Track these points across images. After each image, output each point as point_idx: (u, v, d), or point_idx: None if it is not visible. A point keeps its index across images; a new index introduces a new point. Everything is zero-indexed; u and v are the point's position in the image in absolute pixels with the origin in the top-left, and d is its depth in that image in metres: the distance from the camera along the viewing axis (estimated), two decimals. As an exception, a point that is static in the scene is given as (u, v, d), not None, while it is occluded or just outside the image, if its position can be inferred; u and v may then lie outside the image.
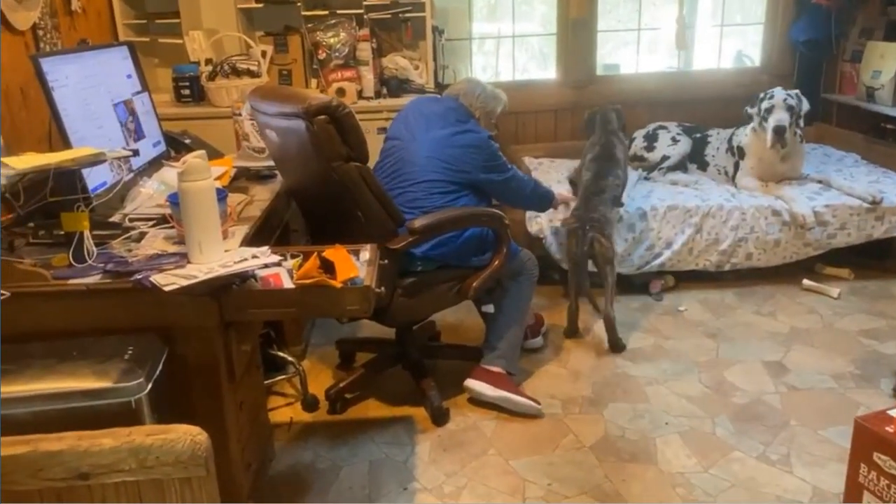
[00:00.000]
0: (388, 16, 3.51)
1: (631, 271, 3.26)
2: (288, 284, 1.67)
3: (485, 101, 2.54)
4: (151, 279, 1.55)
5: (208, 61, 3.32)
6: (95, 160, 1.67)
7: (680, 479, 2.11)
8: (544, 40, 4.41)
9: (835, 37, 4.04)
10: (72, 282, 1.58)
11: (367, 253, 1.85)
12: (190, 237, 1.63)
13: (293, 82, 3.54)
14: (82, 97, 1.98)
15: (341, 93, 3.32)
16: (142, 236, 1.82)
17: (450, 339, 2.94)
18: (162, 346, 1.58)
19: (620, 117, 3.28)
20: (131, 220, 1.91)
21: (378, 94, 3.47)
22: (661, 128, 3.84)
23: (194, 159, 1.62)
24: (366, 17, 3.47)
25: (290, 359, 2.63)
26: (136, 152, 2.02)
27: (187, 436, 1.22)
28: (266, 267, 1.67)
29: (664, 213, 3.25)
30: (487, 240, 2.39)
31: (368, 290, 1.65)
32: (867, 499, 1.71)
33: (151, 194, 2.08)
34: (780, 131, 3.32)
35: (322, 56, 3.43)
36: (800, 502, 2.01)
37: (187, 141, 2.60)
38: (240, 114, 2.58)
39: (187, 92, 3.34)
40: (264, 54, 3.44)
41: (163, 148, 2.46)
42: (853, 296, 3.25)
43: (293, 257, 1.79)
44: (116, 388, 1.42)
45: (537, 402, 2.43)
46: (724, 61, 4.44)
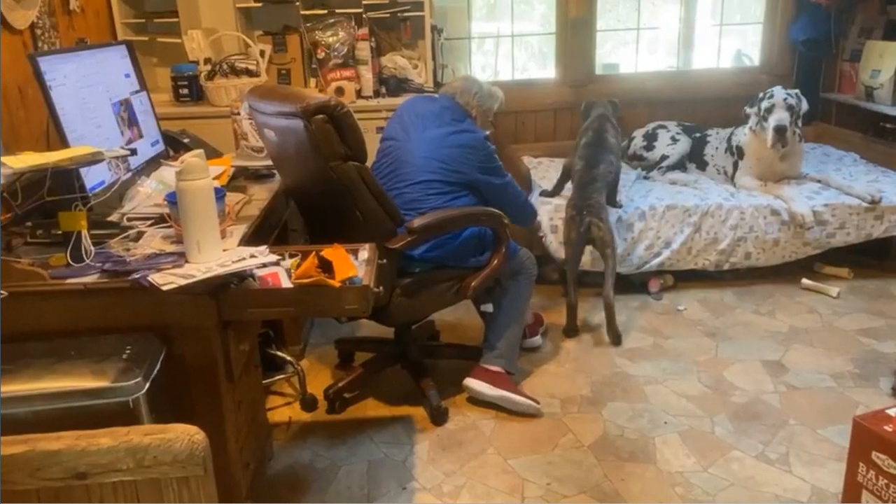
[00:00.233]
0: (387, 15, 3.51)
1: (630, 271, 3.26)
2: (286, 284, 1.67)
3: (481, 100, 2.53)
4: (149, 278, 1.55)
5: (207, 61, 3.31)
6: (93, 159, 1.66)
7: (679, 478, 2.11)
8: (543, 40, 4.41)
9: (834, 36, 4.05)
10: (69, 281, 1.58)
11: (365, 252, 1.85)
12: (188, 236, 1.63)
13: (292, 81, 3.54)
14: (80, 96, 1.98)
15: (340, 92, 3.32)
16: (140, 235, 1.81)
17: (449, 339, 2.94)
18: (160, 346, 1.58)
19: (616, 108, 3.34)
20: (129, 220, 1.91)
21: (377, 94, 3.46)
22: (661, 127, 3.84)
23: (192, 158, 1.62)
24: (365, 16, 3.47)
25: (289, 358, 2.63)
26: (133, 151, 2.02)
27: (185, 435, 1.22)
28: (264, 266, 1.67)
29: (663, 213, 3.25)
30: (486, 240, 2.39)
31: (367, 289, 1.65)
32: (866, 498, 1.71)
33: (150, 193, 2.08)
34: (781, 130, 3.32)
35: (321, 55, 3.43)
36: (799, 501, 2.01)
37: (186, 140, 2.60)
38: (238, 113, 2.57)
39: (186, 91, 3.34)
40: (263, 53, 3.43)
41: (161, 147, 2.46)
42: (852, 295, 3.25)
43: (291, 257, 1.79)
44: (114, 388, 1.42)
45: (536, 401, 2.43)
46: (723, 61, 4.43)
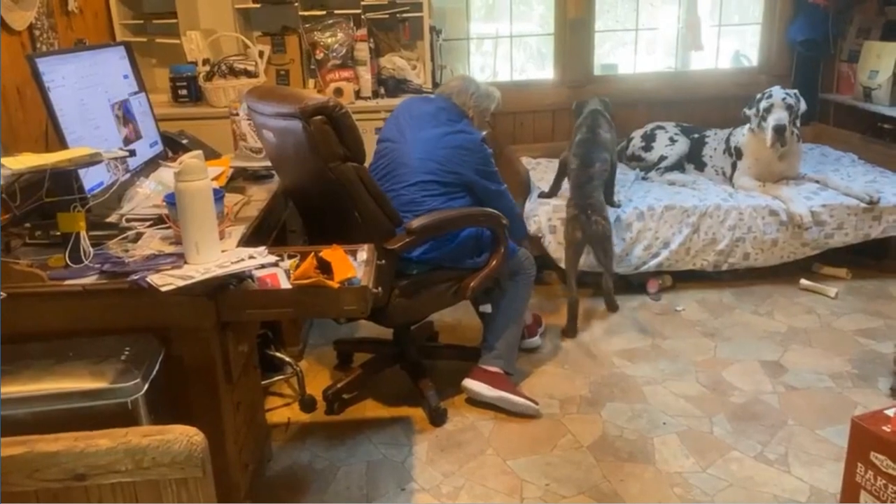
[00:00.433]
0: (386, 16, 3.51)
1: (628, 271, 3.27)
2: (285, 285, 1.67)
3: (478, 100, 2.52)
4: (148, 279, 1.55)
5: (205, 61, 3.31)
6: (92, 160, 1.66)
7: (678, 478, 2.11)
8: (542, 40, 4.41)
9: (832, 37, 4.05)
10: (68, 282, 1.58)
11: (364, 253, 1.85)
12: (187, 237, 1.63)
13: (291, 82, 3.54)
14: (79, 97, 1.98)
15: (339, 93, 3.32)
16: (138, 237, 1.81)
17: (448, 340, 2.94)
18: (159, 347, 1.58)
19: (607, 106, 3.37)
20: (128, 221, 1.91)
21: (375, 94, 3.47)
22: (659, 128, 3.84)
23: (191, 159, 1.62)
24: (363, 17, 3.47)
25: (288, 359, 2.63)
26: (132, 152, 2.02)
27: (184, 436, 1.22)
28: (263, 267, 1.67)
29: (661, 213, 3.25)
30: (483, 241, 2.39)
31: (366, 290, 1.65)
32: (864, 498, 1.71)
33: (148, 194, 2.08)
34: (780, 130, 3.32)
35: (319, 56, 3.43)
36: (797, 502, 2.01)
37: (184, 141, 2.60)
38: (237, 114, 2.57)
39: (184, 92, 3.34)
40: (262, 54, 3.43)
41: (160, 148, 2.46)
42: (850, 295, 3.26)
43: (290, 257, 1.79)
44: (113, 389, 1.42)
45: (535, 402, 2.43)
46: (721, 61, 4.44)
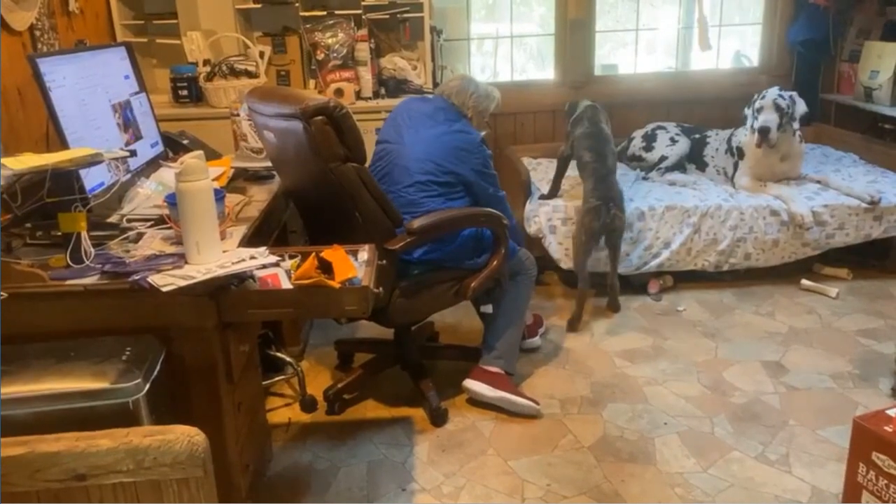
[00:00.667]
0: (387, 16, 3.51)
1: (629, 271, 3.27)
2: (286, 285, 1.67)
3: (477, 101, 2.51)
4: (149, 280, 1.55)
5: (206, 62, 3.31)
6: (93, 161, 1.66)
7: (679, 479, 2.11)
8: (542, 41, 4.41)
9: (832, 37, 4.05)
10: (69, 282, 1.58)
11: (365, 253, 1.85)
12: (188, 238, 1.63)
13: (291, 83, 3.54)
14: (80, 98, 1.98)
15: (339, 93, 3.32)
16: (139, 237, 1.81)
17: (448, 340, 2.94)
18: (160, 347, 1.58)
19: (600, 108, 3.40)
20: (129, 221, 1.91)
21: (376, 95, 3.46)
22: (660, 128, 3.84)
23: (192, 160, 1.62)
24: (364, 17, 3.47)
25: (289, 359, 2.63)
26: (133, 153, 2.02)
27: (185, 436, 1.22)
28: (264, 267, 1.67)
29: (662, 214, 3.25)
30: (484, 241, 2.38)
31: (367, 290, 1.65)
32: (866, 498, 1.71)
33: (149, 195, 2.08)
34: (764, 131, 3.32)
35: (320, 56, 3.43)
36: (798, 502, 2.00)
37: (185, 141, 2.60)
38: (238, 114, 2.57)
39: (185, 92, 3.34)
40: (262, 55, 3.43)
41: (160, 148, 2.46)
42: (851, 296, 3.26)
43: (291, 258, 1.79)
44: (114, 389, 1.42)
45: (536, 402, 2.43)
46: (722, 62, 4.44)
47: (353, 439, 2.34)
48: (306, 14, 3.45)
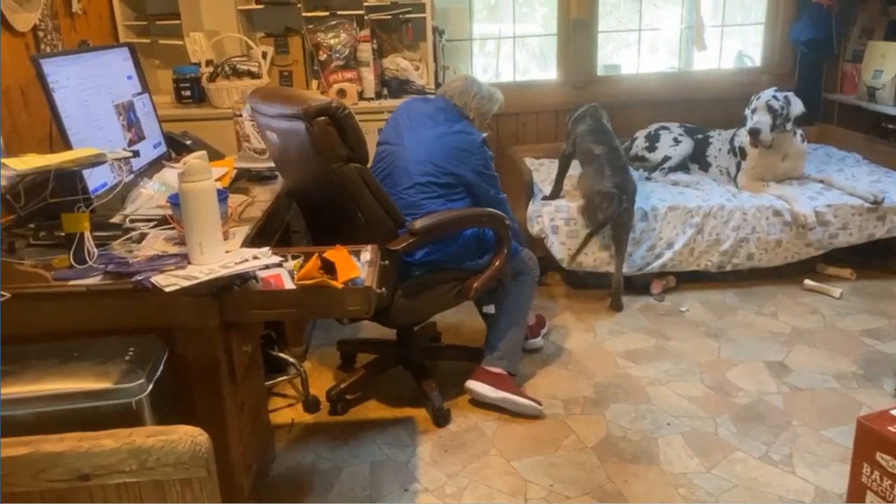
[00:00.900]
0: (389, 17, 3.51)
1: (632, 272, 3.26)
2: (289, 285, 1.67)
3: (480, 102, 2.49)
4: (152, 280, 1.55)
5: (209, 62, 3.31)
6: (96, 161, 1.66)
7: (682, 479, 2.10)
8: (545, 41, 4.41)
9: (836, 36, 4.04)
10: (72, 283, 1.58)
11: (367, 254, 1.85)
12: (190, 238, 1.63)
13: (294, 83, 3.54)
14: (83, 98, 1.98)
15: (342, 94, 3.32)
16: (142, 237, 1.82)
17: (451, 340, 2.93)
18: (163, 347, 1.58)
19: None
20: (132, 221, 1.91)
21: (379, 95, 3.46)
22: (663, 128, 3.83)
23: (195, 160, 1.62)
24: (366, 17, 3.47)
25: (291, 360, 2.63)
26: (136, 153, 2.02)
27: (188, 437, 1.22)
28: (267, 268, 1.67)
29: (665, 214, 3.24)
30: (486, 242, 2.38)
31: (369, 290, 1.65)
32: (870, 499, 1.70)
33: (152, 195, 2.08)
34: (754, 133, 3.35)
35: (323, 57, 3.43)
36: (802, 502, 2.00)
37: (188, 142, 2.60)
38: (240, 115, 2.58)
39: (188, 93, 3.34)
40: (265, 55, 3.44)
41: (163, 149, 2.46)
42: (855, 296, 3.25)
43: (294, 258, 1.78)
44: (117, 389, 1.42)
45: (539, 402, 2.42)
46: (724, 62, 4.43)
47: (355, 440, 2.34)
48: (309, 15, 3.45)
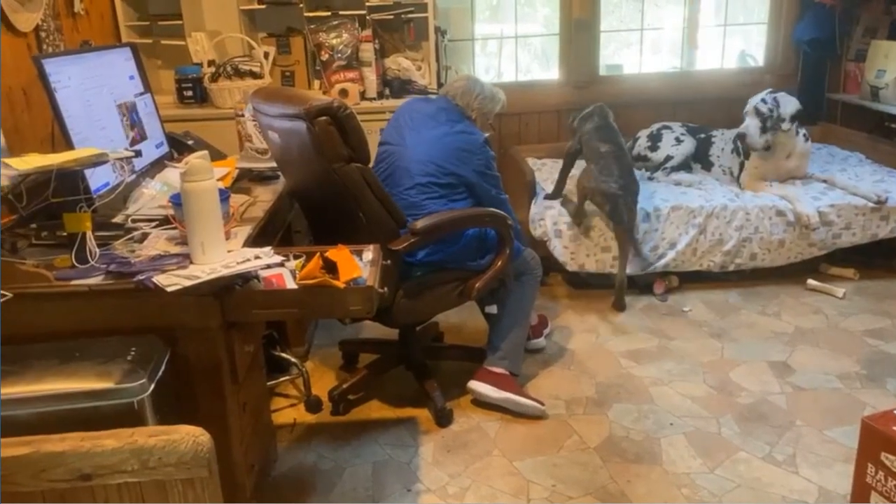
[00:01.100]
0: (391, 17, 3.50)
1: (635, 272, 3.25)
2: (291, 285, 1.67)
3: (482, 103, 2.48)
4: (154, 280, 1.55)
5: (211, 63, 3.31)
6: (98, 161, 1.66)
7: (685, 479, 2.10)
8: (547, 41, 4.41)
9: (838, 36, 4.03)
10: (74, 283, 1.58)
11: (369, 253, 1.85)
12: (192, 238, 1.63)
13: (296, 83, 3.54)
14: (85, 98, 1.98)
15: (344, 94, 3.32)
16: (144, 237, 1.81)
17: (453, 340, 2.93)
18: (164, 347, 1.58)
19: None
20: (134, 221, 1.91)
21: (381, 95, 3.46)
22: (666, 128, 3.83)
23: (197, 160, 1.62)
24: (368, 17, 3.47)
25: (293, 360, 2.63)
26: (138, 153, 2.02)
27: (190, 437, 1.21)
28: (269, 267, 1.67)
29: (668, 214, 3.24)
30: (487, 242, 2.37)
31: (371, 290, 1.65)
32: (875, 499, 1.70)
33: (154, 195, 2.08)
34: (741, 137, 3.41)
35: (325, 57, 3.43)
36: (806, 503, 1.99)
37: (190, 142, 2.60)
38: (242, 115, 2.57)
39: (190, 93, 3.34)
40: (267, 55, 3.43)
41: (165, 149, 2.46)
42: (858, 296, 3.24)
43: (296, 258, 1.78)
44: (119, 389, 1.42)
45: (541, 403, 2.42)
46: (727, 61, 4.43)
47: (357, 440, 2.34)
48: (311, 15, 3.45)
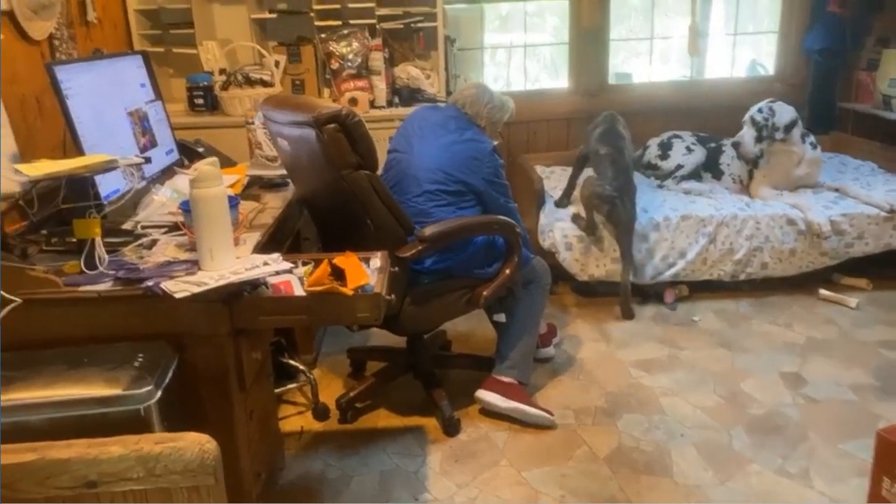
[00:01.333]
0: (401, 26, 3.52)
1: (645, 282, 3.23)
2: (299, 291, 1.66)
3: (491, 112, 2.48)
4: (162, 286, 1.55)
5: (222, 71, 3.33)
6: (107, 167, 1.67)
7: (696, 491, 2.07)
8: (556, 50, 4.41)
9: (849, 45, 4.01)
10: (83, 288, 1.58)
11: (377, 260, 1.84)
12: (201, 244, 1.63)
13: (306, 92, 3.55)
14: (96, 105, 1.99)
15: (353, 102, 3.33)
16: (153, 243, 1.82)
17: (461, 349, 2.92)
18: (172, 354, 1.58)
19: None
20: (143, 228, 1.91)
21: (390, 104, 3.47)
22: (676, 137, 3.81)
23: (206, 166, 1.62)
24: (378, 27, 3.48)
25: (301, 367, 2.62)
26: (148, 159, 2.03)
27: (196, 444, 1.21)
28: (277, 274, 1.67)
29: (678, 223, 3.22)
30: (496, 250, 2.36)
31: (379, 297, 1.64)
32: (889, 513, 1.67)
33: (164, 202, 2.09)
34: (735, 146, 3.43)
35: (334, 66, 3.44)
36: (819, 516, 1.97)
37: (200, 149, 2.61)
38: (253, 123, 2.58)
39: (201, 101, 3.36)
40: (277, 64, 3.45)
41: (176, 156, 2.47)
42: (871, 306, 3.20)
43: (304, 264, 1.78)
44: (126, 396, 1.42)
45: (550, 412, 2.40)
46: (737, 70, 4.41)
47: (365, 448, 2.33)
48: (321, 24, 3.47)
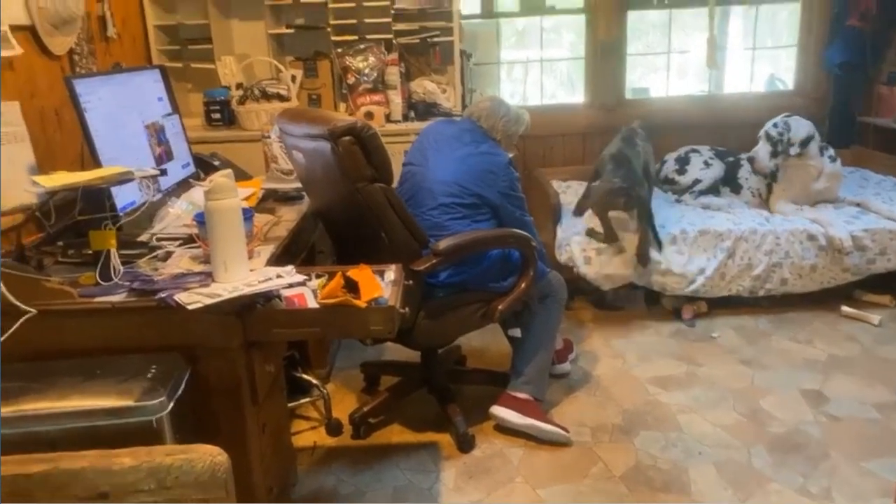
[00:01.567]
0: (417, 41, 3.53)
1: (663, 300, 3.19)
2: (312, 304, 1.66)
3: (507, 125, 2.47)
4: (176, 298, 1.55)
5: (239, 85, 3.36)
6: (123, 178, 1.68)
7: (715, 511, 2.03)
8: (573, 66, 4.41)
9: (870, 59, 3.97)
10: (98, 300, 1.59)
11: (391, 273, 1.83)
12: (215, 256, 1.63)
13: (322, 106, 3.56)
14: (114, 118, 2.01)
15: (369, 116, 3.34)
16: (168, 255, 1.82)
17: (476, 364, 2.89)
18: (185, 366, 1.58)
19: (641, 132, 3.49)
20: (158, 240, 1.92)
21: (406, 118, 3.47)
22: (694, 151, 3.78)
23: (221, 178, 1.63)
24: (395, 41, 3.50)
25: (315, 381, 2.61)
26: (163, 171, 2.04)
27: (207, 456, 1.20)
28: (291, 286, 1.66)
29: (695, 238, 3.18)
30: (511, 263, 2.35)
31: (392, 310, 1.63)
32: (916, 536, 1.62)
33: (179, 214, 2.10)
34: (750, 161, 3.42)
35: (351, 80, 3.46)
36: (843, 539, 1.91)
37: (216, 163, 2.63)
38: (269, 136, 2.60)
39: (218, 115, 3.38)
40: (294, 79, 3.47)
41: (192, 169, 2.49)
42: (895, 323, 3.14)
43: (318, 277, 1.77)
44: (138, 407, 1.42)
45: (566, 429, 2.37)
46: (756, 85, 4.38)
47: (378, 464, 2.30)
48: (338, 39, 3.49)
